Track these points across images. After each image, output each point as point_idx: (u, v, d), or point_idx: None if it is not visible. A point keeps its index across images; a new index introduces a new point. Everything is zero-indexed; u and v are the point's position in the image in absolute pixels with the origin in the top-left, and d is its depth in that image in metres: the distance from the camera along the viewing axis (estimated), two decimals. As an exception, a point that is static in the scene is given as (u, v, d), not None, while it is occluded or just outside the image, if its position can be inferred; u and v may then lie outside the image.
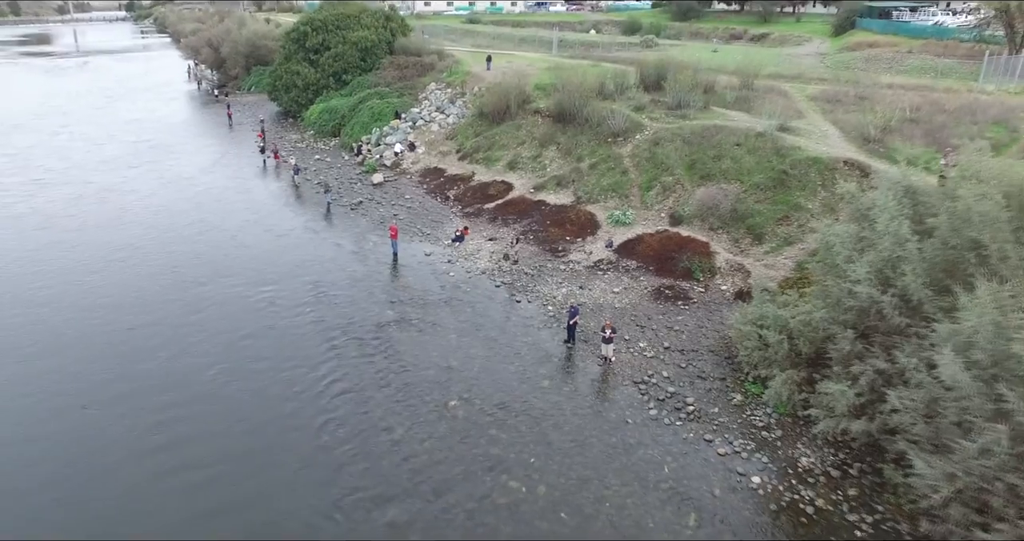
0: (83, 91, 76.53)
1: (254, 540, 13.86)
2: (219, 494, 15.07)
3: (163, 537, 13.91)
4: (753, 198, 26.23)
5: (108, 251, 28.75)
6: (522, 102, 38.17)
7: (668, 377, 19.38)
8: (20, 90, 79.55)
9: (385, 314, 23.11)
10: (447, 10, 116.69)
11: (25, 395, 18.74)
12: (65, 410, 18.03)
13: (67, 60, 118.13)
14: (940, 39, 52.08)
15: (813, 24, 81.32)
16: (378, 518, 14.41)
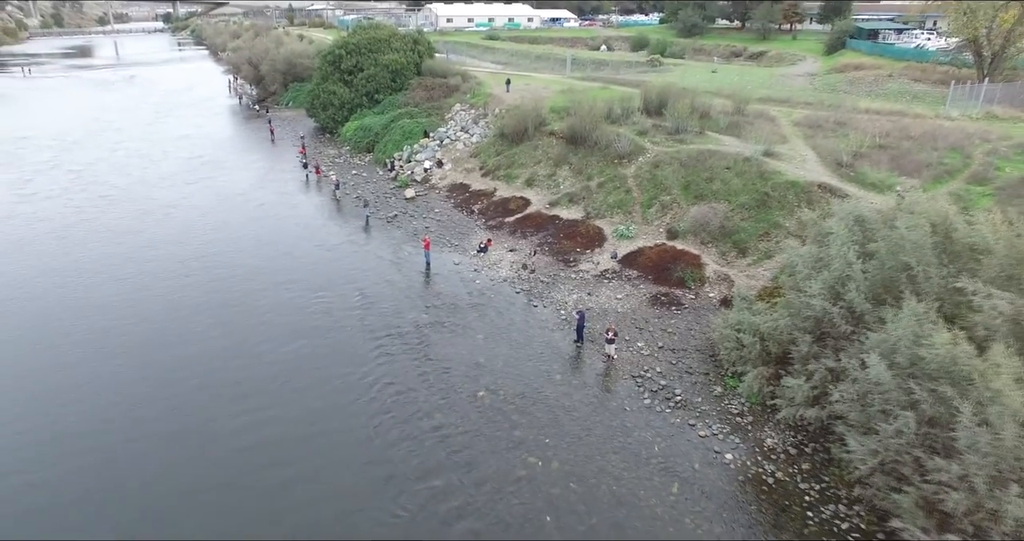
0: (132, 106, 79.96)
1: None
2: (294, 468, 17.83)
3: (246, 504, 16.92)
4: (739, 216, 28.87)
5: (178, 264, 31.18)
6: (538, 124, 40.85)
7: (661, 372, 22.19)
8: (74, 104, 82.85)
9: (422, 318, 26.02)
10: (468, 26, 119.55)
11: (116, 403, 21.06)
12: (158, 410, 20.72)
13: (114, 73, 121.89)
14: (920, 61, 54.14)
15: (808, 42, 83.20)
16: (423, 487, 17.19)
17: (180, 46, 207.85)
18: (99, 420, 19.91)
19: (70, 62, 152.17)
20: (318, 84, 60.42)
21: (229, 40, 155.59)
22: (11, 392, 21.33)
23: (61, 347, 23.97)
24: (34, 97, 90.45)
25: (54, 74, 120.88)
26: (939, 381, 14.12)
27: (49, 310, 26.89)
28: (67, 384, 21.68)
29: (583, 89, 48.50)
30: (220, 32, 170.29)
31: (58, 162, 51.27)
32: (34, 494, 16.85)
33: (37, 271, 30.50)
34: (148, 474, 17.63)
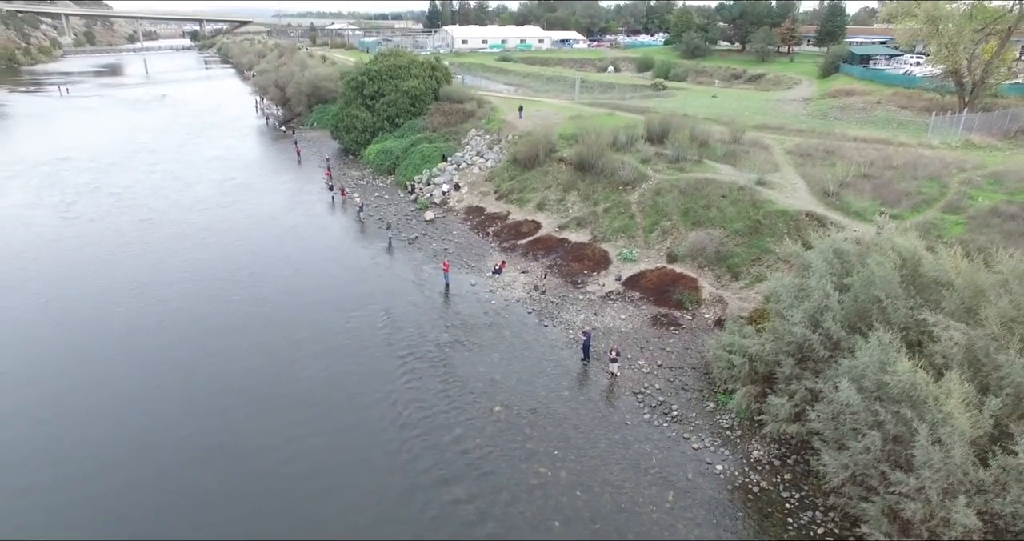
0: (164, 127, 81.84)
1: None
2: (331, 478, 19.41)
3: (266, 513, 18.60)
4: (733, 242, 30.35)
5: (217, 288, 32.44)
6: (549, 151, 42.48)
7: (659, 389, 23.70)
8: (109, 125, 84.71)
9: (442, 337, 27.64)
10: (482, 47, 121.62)
11: (166, 417, 23.14)
12: (205, 423, 22.63)
13: (146, 92, 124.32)
14: (907, 88, 55.44)
15: (804, 65, 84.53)
16: (445, 494, 18.74)
17: (207, 64, 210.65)
18: (150, 434, 21.55)
19: (103, 81, 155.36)
20: (342, 108, 62.40)
21: (255, 60, 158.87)
22: (73, 405, 23.12)
23: (113, 365, 25.71)
24: (72, 117, 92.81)
25: (89, 93, 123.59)
26: (901, 404, 15.54)
27: (99, 331, 28.50)
28: (120, 398, 23.43)
29: (591, 115, 50.17)
30: (246, 52, 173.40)
31: (98, 184, 52.96)
32: (98, 498, 18.65)
33: (84, 293, 32.08)
34: (199, 482, 19.31)
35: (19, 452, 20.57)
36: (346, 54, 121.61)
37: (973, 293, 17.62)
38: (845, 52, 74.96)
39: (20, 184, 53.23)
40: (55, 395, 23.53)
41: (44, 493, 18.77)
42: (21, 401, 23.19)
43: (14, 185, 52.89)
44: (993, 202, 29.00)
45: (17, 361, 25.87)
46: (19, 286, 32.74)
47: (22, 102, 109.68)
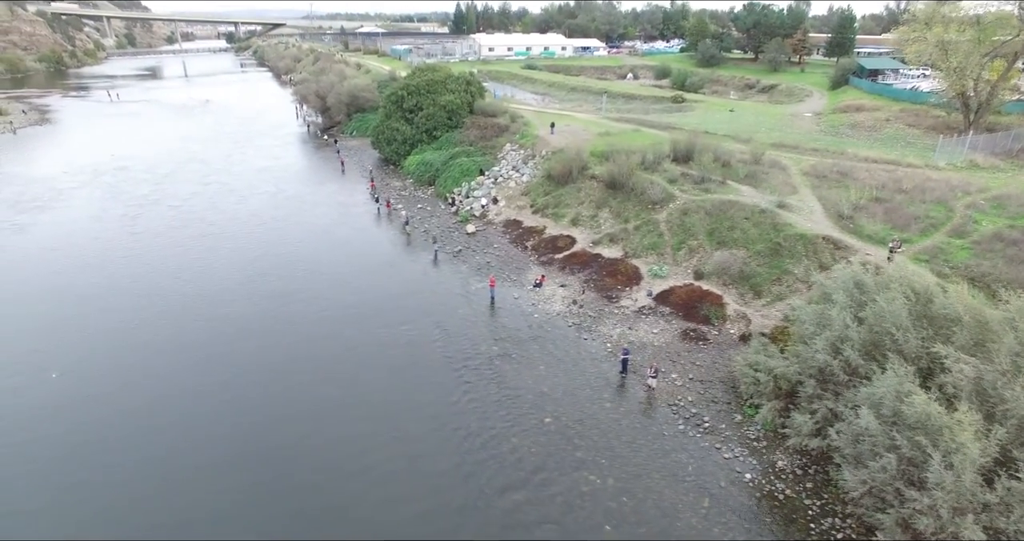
0: (212, 136, 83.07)
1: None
2: (403, 486, 20.99)
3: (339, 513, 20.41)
4: (755, 262, 31.65)
5: (281, 304, 33.57)
6: (581, 169, 43.76)
7: (692, 401, 25.22)
8: (159, 132, 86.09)
9: (492, 349, 29.29)
10: (508, 55, 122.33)
11: (248, 424, 25.38)
12: (284, 435, 24.56)
13: (189, 96, 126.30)
14: (914, 104, 55.86)
15: (815, 75, 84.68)
16: (508, 500, 20.35)
17: (243, 67, 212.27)
18: (240, 440, 23.52)
19: (148, 84, 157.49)
20: (383, 121, 63.93)
21: (291, 64, 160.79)
22: (158, 419, 25.11)
23: (199, 385, 27.62)
24: (123, 124, 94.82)
25: (136, 98, 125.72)
26: (916, 431, 16.98)
27: (180, 346, 30.07)
28: (209, 409, 25.39)
29: (618, 132, 51.34)
30: (282, 56, 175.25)
31: (157, 197, 54.01)
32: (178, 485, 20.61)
33: (162, 311, 33.52)
34: (283, 492, 21.14)
35: (152, 451, 22.60)
36: (379, 61, 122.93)
37: (981, 329, 18.94)
38: (854, 65, 75.08)
39: (85, 195, 55.06)
40: (143, 412, 25.54)
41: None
42: (134, 410, 25.23)
43: (80, 196, 54.75)
44: (996, 227, 30.04)
45: (122, 377, 27.91)
46: (104, 299, 34.75)
47: (76, 108, 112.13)
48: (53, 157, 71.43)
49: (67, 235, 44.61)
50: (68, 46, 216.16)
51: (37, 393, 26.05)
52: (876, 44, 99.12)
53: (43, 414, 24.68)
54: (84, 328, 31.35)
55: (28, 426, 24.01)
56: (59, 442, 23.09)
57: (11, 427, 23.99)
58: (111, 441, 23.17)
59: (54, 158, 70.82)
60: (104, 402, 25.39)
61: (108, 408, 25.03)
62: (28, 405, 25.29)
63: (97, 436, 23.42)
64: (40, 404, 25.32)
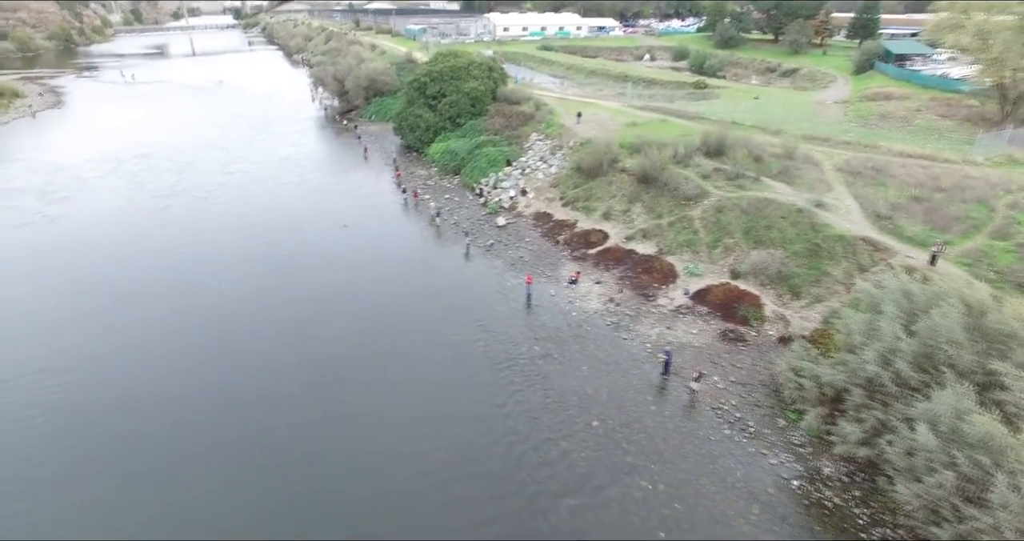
0: (229, 121, 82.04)
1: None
2: (456, 489, 21.50)
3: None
4: (793, 263, 31.61)
5: (324, 302, 33.56)
6: (611, 161, 43.46)
7: (735, 405, 25.51)
8: (176, 115, 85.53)
9: (534, 349, 29.55)
10: (523, 35, 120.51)
11: (296, 424, 25.84)
12: (336, 440, 25.09)
13: (204, 78, 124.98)
14: (945, 91, 54.84)
15: (837, 59, 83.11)
16: (564, 506, 20.75)
17: (251, 45, 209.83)
18: (282, 442, 23.99)
19: (158, 63, 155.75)
20: (405, 107, 63.48)
21: (302, 43, 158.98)
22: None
23: (232, 378, 28.06)
24: (139, 107, 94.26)
25: (150, 78, 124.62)
26: (976, 450, 17.21)
27: (220, 346, 30.45)
28: (263, 409, 25.87)
29: (645, 122, 50.86)
30: (292, 34, 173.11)
31: (183, 187, 53.70)
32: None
33: (197, 306, 34.07)
34: (337, 499, 21.68)
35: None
36: (393, 41, 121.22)
37: (1039, 345, 19.02)
38: (880, 49, 73.39)
39: (110, 186, 54.97)
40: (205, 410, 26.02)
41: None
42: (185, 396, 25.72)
43: (105, 187, 54.69)
44: (1040, 229, 29.84)
45: (163, 376, 28.32)
46: (140, 297, 35.07)
47: (91, 89, 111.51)
48: (74, 143, 71.32)
49: (98, 229, 44.65)
50: (76, 23, 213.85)
51: (66, 388, 26.56)
52: (901, 25, 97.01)
53: (74, 405, 25.23)
54: (121, 325, 31.72)
55: (56, 415, 24.58)
56: (100, 433, 23.65)
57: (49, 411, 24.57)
58: (149, 438, 23.70)
59: (75, 144, 70.71)
60: (144, 401, 25.88)
61: (144, 406, 25.52)
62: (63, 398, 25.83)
63: (142, 429, 23.97)
64: (73, 400, 25.84)
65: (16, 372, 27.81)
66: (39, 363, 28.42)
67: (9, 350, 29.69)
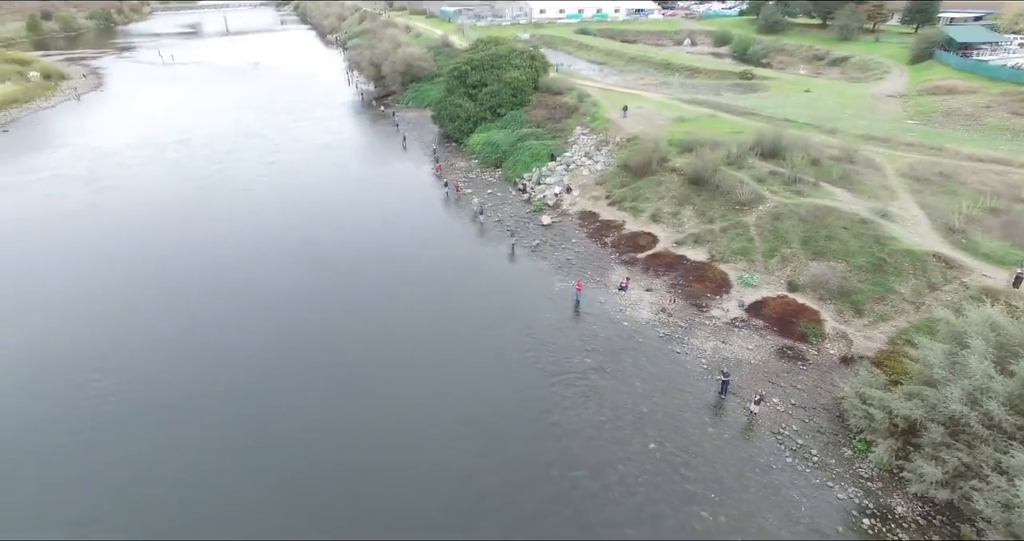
0: (266, 105, 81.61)
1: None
2: (510, 515, 20.83)
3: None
4: (856, 277, 30.01)
5: (370, 303, 33.06)
6: (660, 160, 41.88)
7: (797, 430, 24.34)
8: (213, 99, 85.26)
9: (586, 361, 28.62)
10: (559, 18, 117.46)
11: (341, 432, 25.37)
12: (383, 455, 24.58)
13: (239, 56, 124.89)
14: (1019, 84, 51.27)
15: (891, 46, 78.83)
16: (619, 537, 20.07)
17: (283, 24, 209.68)
18: (337, 450, 23.54)
19: (194, 43, 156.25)
20: (445, 96, 62.20)
21: (336, 23, 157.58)
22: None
23: (286, 383, 27.69)
24: (178, 89, 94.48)
25: (188, 59, 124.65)
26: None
27: (273, 347, 30.01)
28: (315, 410, 25.45)
29: (694, 117, 48.94)
30: (326, 14, 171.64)
31: (224, 176, 53.43)
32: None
33: (252, 307, 33.75)
34: (387, 518, 21.20)
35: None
36: (428, 23, 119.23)
37: None
38: (940, 36, 68.97)
39: (152, 174, 54.98)
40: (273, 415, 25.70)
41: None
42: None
43: (147, 175, 54.72)
44: None
45: (221, 376, 28.09)
46: (192, 293, 34.90)
47: (130, 71, 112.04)
48: (116, 127, 71.64)
49: (141, 220, 44.64)
50: (115, 2, 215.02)
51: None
52: (962, 7, 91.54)
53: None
54: (165, 320, 31.60)
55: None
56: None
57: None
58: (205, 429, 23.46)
59: (118, 129, 71.03)
60: (202, 401, 25.69)
61: (199, 399, 25.33)
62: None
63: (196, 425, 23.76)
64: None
65: (66, 368, 27.84)
66: (88, 361, 28.41)
67: (53, 346, 29.72)
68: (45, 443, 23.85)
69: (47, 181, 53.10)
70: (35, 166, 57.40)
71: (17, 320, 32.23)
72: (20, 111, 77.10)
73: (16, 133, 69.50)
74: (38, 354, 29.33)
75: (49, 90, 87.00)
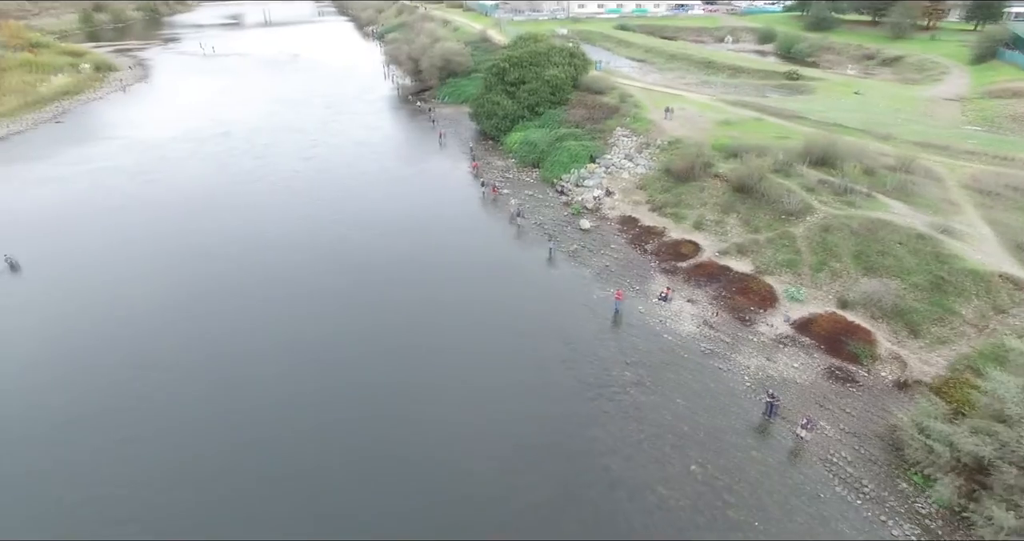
0: (304, 99, 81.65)
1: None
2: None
3: None
4: (912, 296, 28.50)
5: (401, 305, 32.61)
6: (704, 165, 40.56)
7: (848, 458, 23.15)
8: (253, 90, 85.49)
9: (625, 375, 27.74)
10: (599, 13, 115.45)
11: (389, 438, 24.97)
12: (428, 471, 24.16)
13: (278, 48, 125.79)
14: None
15: (949, 44, 74.98)
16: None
17: (321, 15, 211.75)
18: (382, 464, 23.19)
19: (235, 34, 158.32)
20: (483, 93, 61.38)
21: (374, 15, 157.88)
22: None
23: (324, 394, 27.43)
24: (219, 80, 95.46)
25: (229, 51, 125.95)
26: None
27: (310, 354, 29.73)
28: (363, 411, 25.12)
29: (738, 120, 47.36)
30: (365, 7, 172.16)
31: (263, 173, 53.29)
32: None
33: (294, 313, 33.52)
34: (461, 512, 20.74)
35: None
36: (465, 16, 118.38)
37: None
38: (1007, 34, 64.03)
39: (194, 169, 55.38)
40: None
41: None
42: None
43: (189, 169, 55.21)
44: None
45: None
46: (233, 296, 34.98)
47: (174, 62, 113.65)
48: (160, 120, 72.68)
49: (184, 215, 45.06)
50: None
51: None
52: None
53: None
54: (209, 326, 31.68)
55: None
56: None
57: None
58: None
59: (161, 121, 72.06)
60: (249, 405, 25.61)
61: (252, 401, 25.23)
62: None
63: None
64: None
65: (120, 366, 28.11)
66: (131, 359, 28.64)
67: (100, 342, 30.05)
68: (109, 428, 24.10)
69: (94, 173, 54.02)
70: (84, 158, 58.52)
71: (56, 322, 32.71)
72: (72, 102, 78.84)
73: (68, 124, 71.04)
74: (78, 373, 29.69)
75: (98, 82, 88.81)
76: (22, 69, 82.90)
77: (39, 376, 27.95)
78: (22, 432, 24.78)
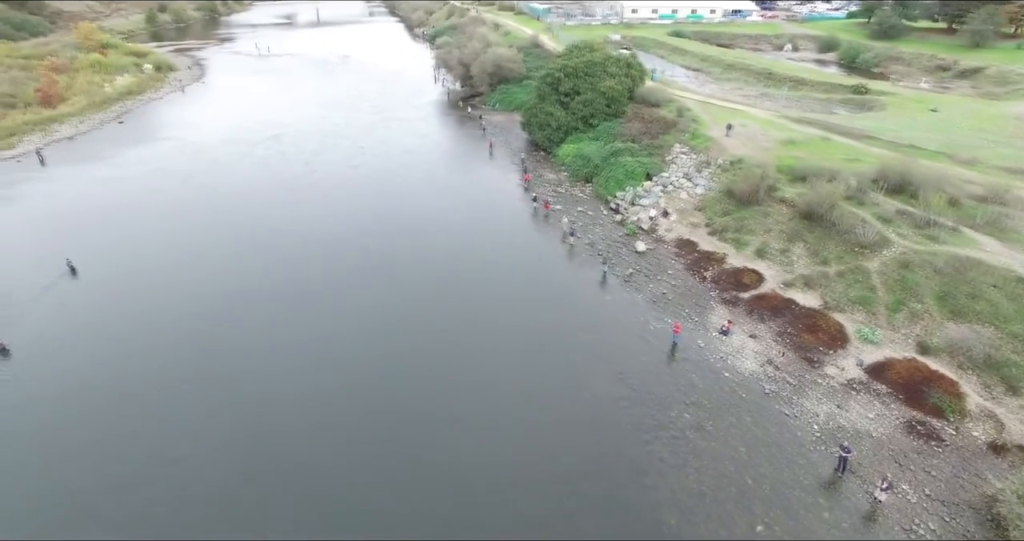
0: (352, 102, 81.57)
1: None
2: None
3: None
4: (1009, 347, 25.96)
5: (447, 330, 31.68)
6: (768, 188, 38.41)
7: (935, 530, 20.94)
8: (303, 97, 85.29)
9: (684, 417, 26.03)
10: (652, 18, 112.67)
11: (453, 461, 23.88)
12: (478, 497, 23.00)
13: (329, 49, 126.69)
14: None
15: (1035, 56, 70.29)
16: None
17: (372, 15, 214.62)
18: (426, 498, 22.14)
19: (287, 33, 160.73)
20: (536, 103, 60.03)
21: (424, 17, 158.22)
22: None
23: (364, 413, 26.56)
24: (272, 82, 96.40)
25: (282, 51, 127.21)
26: None
27: (355, 369, 29.20)
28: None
29: (804, 139, 44.89)
30: (415, 8, 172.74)
31: (311, 180, 52.96)
32: None
33: (339, 329, 32.95)
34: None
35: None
36: (516, 20, 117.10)
37: None
38: None
39: (244, 173, 55.62)
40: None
41: None
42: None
43: (239, 173, 55.54)
44: None
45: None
46: (279, 304, 34.53)
47: (229, 63, 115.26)
48: (214, 121, 73.55)
49: (232, 221, 45.24)
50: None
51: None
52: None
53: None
54: (251, 330, 31.24)
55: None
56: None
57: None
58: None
59: (215, 123, 72.89)
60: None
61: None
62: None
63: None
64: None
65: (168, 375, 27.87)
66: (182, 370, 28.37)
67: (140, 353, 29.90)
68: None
69: (149, 176, 54.68)
70: (140, 159, 59.45)
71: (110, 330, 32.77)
72: (134, 102, 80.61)
73: (129, 124, 72.50)
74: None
75: (159, 82, 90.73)
76: (91, 69, 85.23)
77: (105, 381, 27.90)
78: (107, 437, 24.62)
